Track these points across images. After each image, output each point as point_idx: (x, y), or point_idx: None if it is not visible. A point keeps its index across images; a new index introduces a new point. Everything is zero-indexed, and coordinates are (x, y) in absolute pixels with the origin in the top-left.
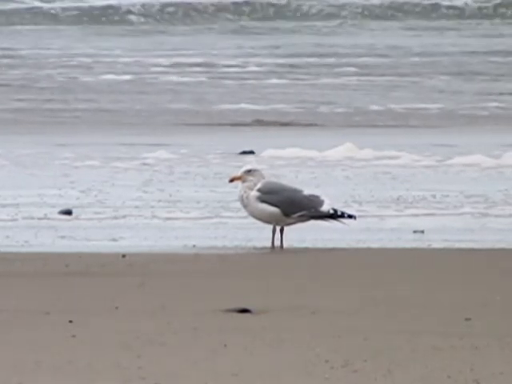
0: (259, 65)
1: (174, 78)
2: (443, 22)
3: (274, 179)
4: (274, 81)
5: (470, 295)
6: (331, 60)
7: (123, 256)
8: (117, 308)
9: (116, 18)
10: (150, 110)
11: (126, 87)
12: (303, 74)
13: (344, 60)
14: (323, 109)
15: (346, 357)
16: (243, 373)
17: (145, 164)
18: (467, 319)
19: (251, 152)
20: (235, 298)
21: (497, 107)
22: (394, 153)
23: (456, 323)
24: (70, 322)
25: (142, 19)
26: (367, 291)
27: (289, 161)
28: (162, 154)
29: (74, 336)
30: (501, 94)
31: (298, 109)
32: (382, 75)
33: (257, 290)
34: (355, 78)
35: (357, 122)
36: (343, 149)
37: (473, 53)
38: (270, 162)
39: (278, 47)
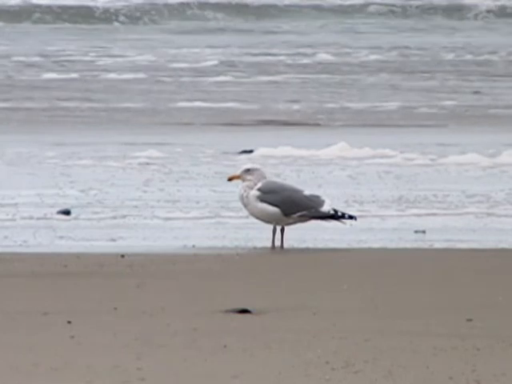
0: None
1: (123, 77)
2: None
3: (275, 179)
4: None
5: (471, 296)
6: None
7: (122, 256)
8: (116, 309)
9: (70, 16)
10: (107, 110)
11: (75, 85)
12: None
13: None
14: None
15: (347, 358)
16: (243, 374)
17: (140, 163)
18: (469, 320)
19: (251, 151)
20: (235, 299)
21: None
22: (387, 151)
23: (457, 324)
24: (69, 322)
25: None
26: (368, 292)
27: (281, 159)
28: (152, 152)
29: (72, 337)
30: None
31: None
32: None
33: (257, 290)
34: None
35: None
36: (337, 148)
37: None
38: (263, 160)
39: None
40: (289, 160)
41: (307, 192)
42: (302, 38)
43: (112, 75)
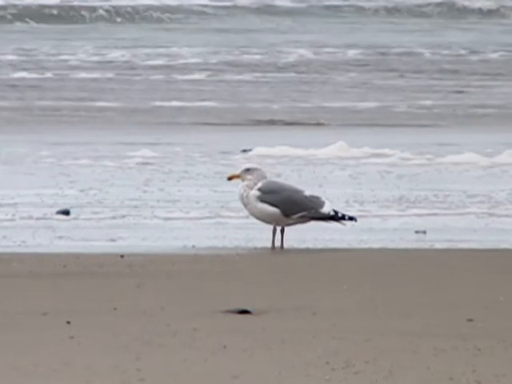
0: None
1: (97, 75)
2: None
3: (275, 179)
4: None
5: (472, 296)
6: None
7: (122, 256)
8: (115, 309)
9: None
10: (85, 109)
11: (49, 85)
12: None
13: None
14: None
15: (347, 358)
16: (243, 375)
17: (138, 163)
18: (469, 320)
19: (249, 150)
20: (235, 299)
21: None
22: (384, 151)
23: (458, 324)
24: (68, 323)
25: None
26: (368, 292)
27: (278, 159)
28: (146, 152)
29: (71, 337)
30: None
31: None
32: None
33: (257, 290)
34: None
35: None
36: (335, 147)
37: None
38: (259, 160)
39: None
40: (285, 159)
41: (307, 192)
42: (280, 36)
43: (84, 74)
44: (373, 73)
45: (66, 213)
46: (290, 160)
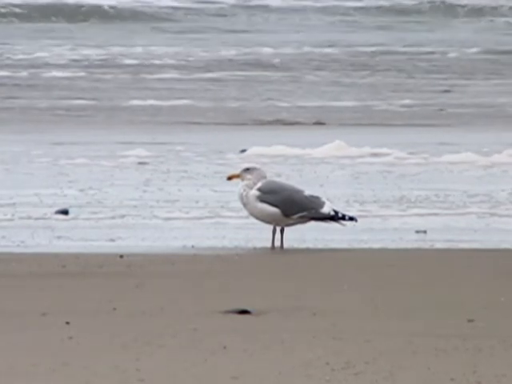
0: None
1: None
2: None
3: (275, 179)
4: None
5: (473, 296)
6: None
7: (121, 256)
8: (114, 309)
9: None
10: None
11: (26, 83)
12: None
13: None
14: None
15: (347, 359)
16: (243, 375)
17: (137, 163)
18: (470, 320)
19: (245, 150)
20: (235, 299)
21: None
22: (380, 150)
23: (459, 325)
24: (67, 323)
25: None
26: (368, 292)
27: (273, 158)
28: (140, 151)
29: (70, 338)
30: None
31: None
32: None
33: (257, 291)
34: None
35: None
36: (333, 146)
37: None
38: (256, 159)
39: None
40: (282, 159)
41: (307, 192)
42: (252, 35)
43: (55, 73)
44: (346, 72)
45: (65, 213)
46: (285, 159)
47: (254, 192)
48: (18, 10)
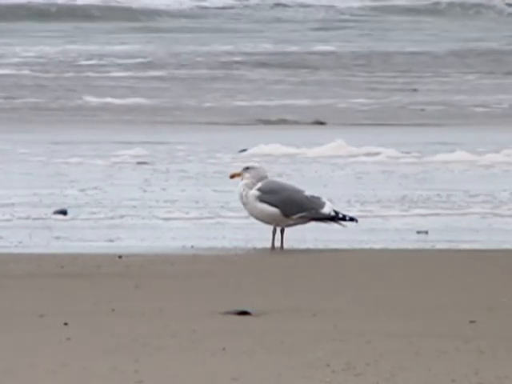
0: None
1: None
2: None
3: (276, 178)
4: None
5: (474, 297)
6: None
7: (120, 257)
8: (113, 310)
9: None
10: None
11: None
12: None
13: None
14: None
15: (348, 360)
16: (243, 376)
17: (134, 163)
18: (472, 322)
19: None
20: (234, 300)
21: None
22: (373, 149)
23: (460, 326)
24: (65, 324)
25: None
26: (369, 293)
27: (273, 158)
28: (138, 151)
29: (69, 339)
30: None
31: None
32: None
33: (256, 291)
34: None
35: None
36: (333, 146)
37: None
38: (254, 159)
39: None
40: (282, 159)
41: (308, 193)
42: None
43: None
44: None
45: (64, 213)
46: (286, 158)
47: (254, 192)
48: None
